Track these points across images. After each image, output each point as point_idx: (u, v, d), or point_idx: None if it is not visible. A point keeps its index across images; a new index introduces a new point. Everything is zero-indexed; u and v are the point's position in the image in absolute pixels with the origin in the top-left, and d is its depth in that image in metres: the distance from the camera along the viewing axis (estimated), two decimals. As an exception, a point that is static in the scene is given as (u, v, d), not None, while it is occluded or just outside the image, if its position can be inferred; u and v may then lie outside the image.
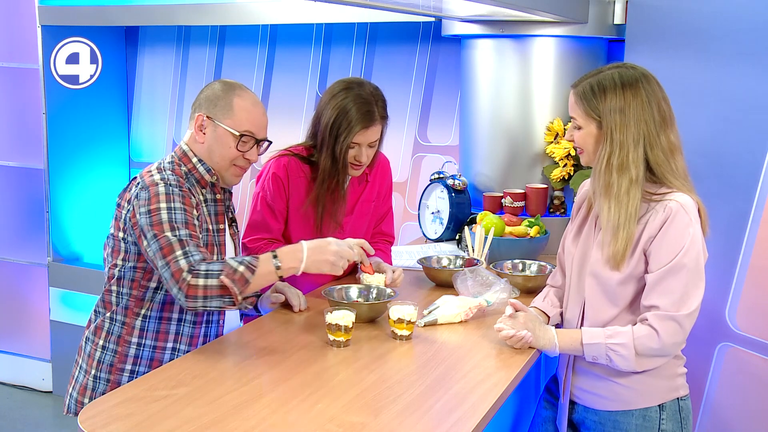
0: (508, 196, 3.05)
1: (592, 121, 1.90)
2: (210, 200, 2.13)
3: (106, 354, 2.06)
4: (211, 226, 2.11)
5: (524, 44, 3.03)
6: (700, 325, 2.72)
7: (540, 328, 2.00)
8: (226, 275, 1.86)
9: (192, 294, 1.87)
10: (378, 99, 2.45)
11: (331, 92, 2.46)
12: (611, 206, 1.87)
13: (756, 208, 2.57)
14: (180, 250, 1.90)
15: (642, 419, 1.95)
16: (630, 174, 1.86)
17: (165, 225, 1.93)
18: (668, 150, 1.88)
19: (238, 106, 2.08)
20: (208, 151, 2.10)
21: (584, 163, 1.99)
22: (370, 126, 2.42)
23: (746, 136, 2.58)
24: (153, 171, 2.06)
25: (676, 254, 1.84)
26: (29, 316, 4.62)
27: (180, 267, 1.87)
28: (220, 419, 1.61)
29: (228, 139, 2.07)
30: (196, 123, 2.09)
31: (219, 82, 2.14)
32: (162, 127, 4.50)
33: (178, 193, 1.98)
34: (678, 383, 1.97)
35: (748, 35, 2.56)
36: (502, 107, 3.10)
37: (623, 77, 1.89)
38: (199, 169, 2.10)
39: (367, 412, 1.66)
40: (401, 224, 3.82)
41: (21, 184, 4.55)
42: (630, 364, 1.88)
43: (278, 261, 1.93)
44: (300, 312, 2.30)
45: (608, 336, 1.90)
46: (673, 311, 1.83)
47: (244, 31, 4.16)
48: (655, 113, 1.88)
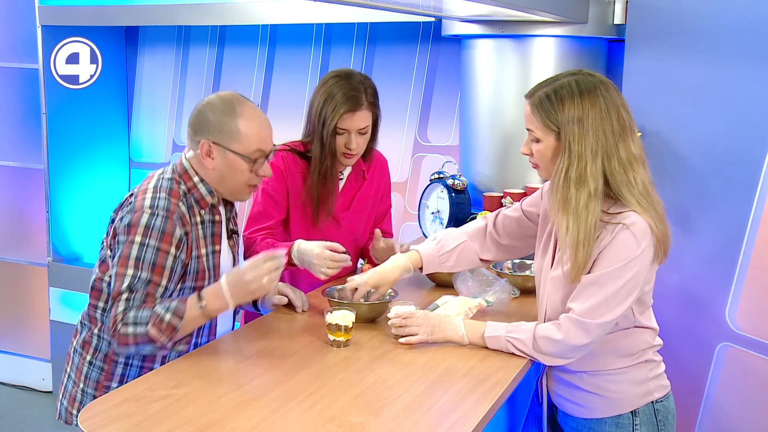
0: (508, 196, 3.05)
1: (551, 133, 1.83)
2: (207, 221, 2.07)
3: (93, 370, 2.05)
4: (204, 250, 2.05)
5: (524, 44, 3.03)
6: (700, 325, 2.73)
7: (446, 321, 2.03)
8: (153, 325, 1.87)
9: (123, 342, 1.90)
10: (366, 87, 2.46)
11: (322, 81, 2.48)
12: (570, 223, 1.80)
13: (756, 208, 2.57)
14: (125, 294, 1.90)
15: (615, 427, 1.94)
16: (589, 187, 1.78)
17: (131, 261, 1.91)
18: (626, 161, 1.80)
19: (245, 127, 2.00)
20: (219, 177, 2.03)
21: (542, 177, 1.94)
22: (356, 110, 2.42)
23: (746, 136, 2.58)
24: (148, 190, 1.99)
25: (610, 268, 1.80)
26: (29, 316, 4.62)
27: (115, 313, 1.89)
28: (220, 419, 1.61)
29: (240, 164, 2.01)
30: (202, 150, 2.00)
31: (218, 100, 2.03)
32: (162, 127, 4.50)
33: (159, 227, 1.92)
34: (651, 387, 1.95)
35: (748, 35, 2.56)
36: (502, 107, 3.10)
37: (581, 85, 1.81)
38: (200, 190, 2.04)
39: (367, 412, 1.66)
40: (401, 224, 3.82)
41: (21, 184, 4.55)
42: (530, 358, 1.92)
43: (203, 303, 1.92)
44: (301, 312, 2.30)
45: (509, 331, 1.94)
46: (585, 317, 1.82)
47: (244, 31, 4.16)
48: (614, 122, 1.80)
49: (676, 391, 2.07)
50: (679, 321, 2.73)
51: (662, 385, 1.98)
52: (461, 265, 2.25)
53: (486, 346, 1.99)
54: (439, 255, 2.22)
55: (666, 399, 1.98)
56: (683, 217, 2.67)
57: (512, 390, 1.86)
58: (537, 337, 1.89)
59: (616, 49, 3.13)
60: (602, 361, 1.92)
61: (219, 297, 1.92)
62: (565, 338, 1.85)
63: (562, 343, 1.85)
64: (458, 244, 2.22)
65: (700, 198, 2.68)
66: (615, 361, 1.92)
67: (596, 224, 1.80)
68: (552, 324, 1.89)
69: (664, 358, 2.03)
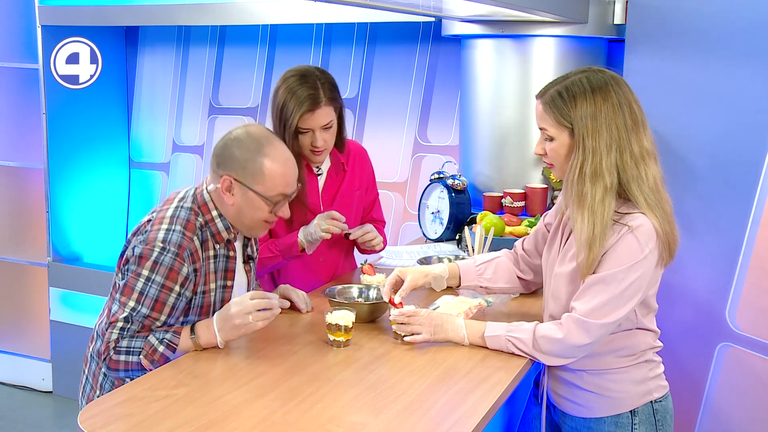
0: (508, 196, 3.05)
1: (564, 130, 1.83)
2: (222, 256, 2.05)
3: (107, 381, 2.07)
4: (213, 284, 2.04)
5: (524, 44, 3.03)
6: (700, 325, 2.73)
7: (448, 321, 2.02)
8: (145, 356, 1.92)
9: (114, 367, 1.95)
10: (323, 82, 2.42)
11: (278, 83, 2.45)
12: (585, 218, 1.80)
13: (756, 208, 2.57)
14: (121, 323, 1.93)
15: (614, 426, 1.95)
16: (604, 181, 1.79)
17: (134, 294, 1.93)
18: (639, 156, 1.81)
19: (270, 170, 1.97)
20: (237, 212, 2.01)
21: (556, 176, 1.94)
22: (316, 109, 2.39)
23: (746, 136, 2.58)
24: (165, 220, 1.98)
25: (615, 269, 1.80)
26: (29, 316, 4.62)
27: (109, 339, 1.93)
28: (220, 419, 1.61)
29: (260, 204, 1.99)
30: (223, 185, 1.98)
31: (246, 137, 2.00)
32: (162, 127, 4.50)
33: (167, 265, 1.93)
34: (650, 387, 1.96)
35: (748, 35, 2.56)
36: (502, 107, 3.10)
37: (592, 81, 1.82)
38: (217, 225, 2.03)
39: (367, 412, 1.66)
40: (401, 224, 3.82)
41: (21, 184, 4.55)
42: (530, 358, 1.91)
43: (197, 337, 1.96)
44: (305, 312, 2.30)
45: (509, 330, 1.93)
46: (588, 317, 1.82)
47: (244, 31, 4.16)
48: (627, 117, 1.81)
49: (676, 391, 2.07)
50: (679, 321, 2.73)
51: (661, 386, 1.98)
52: (500, 281, 2.21)
53: (486, 346, 1.99)
54: (475, 266, 2.21)
55: (665, 399, 1.99)
56: (683, 217, 2.66)
57: (512, 390, 1.86)
58: (537, 337, 1.89)
59: (616, 49, 3.13)
60: (602, 360, 1.92)
61: (209, 330, 1.96)
62: (566, 337, 1.84)
63: (563, 343, 1.85)
64: (494, 258, 2.23)
65: (700, 198, 2.68)
66: (615, 361, 1.92)
67: (611, 218, 1.80)
68: (553, 323, 1.89)
69: (665, 358, 2.03)
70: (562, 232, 1.97)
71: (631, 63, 2.82)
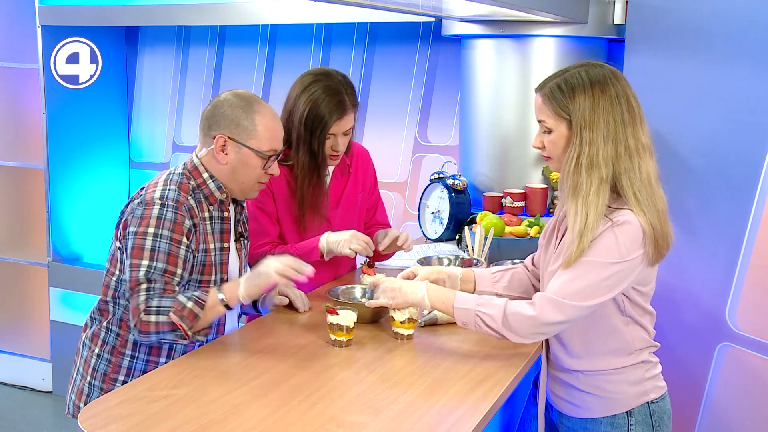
0: (508, 196, 3.05)
1: (562, 121, 1.84)
2: (216, 218, 2.10)
3: (101, 363, 2.08)
4: (212, 245, 2.08)
5: (524, 44, 3.03)
6: (700, 325, 2.73)
7: (406, 284, 2.01)
8: (174, 312, 1.92)
9: (145, 330, 1.94)
10: (347, 87, 2.44)
11: (301, 86, 2.44)
12: (580, 208, 1.80)
13: (756, 208, 2.57)
14: (145, 284, 1.94)
15: (610, 426, 1.94)
16: (600, 173, 1.79)
17: (145, 252, 1.95)
18: (634, 149, 1.82)
19: (262, 125, 2.05)
20: (231, 172, 2.07)
21: (554, 169, 1.95)
22: (344, 115, 2.41)
23: (746, 136, 2.58)
24: (159, 183, 2.05)
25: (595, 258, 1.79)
26: (29, 316, 4.62)
27: (137, 303, 1.93)
28: (220, 419, 1.61)
29: (254, 160, 2.06)
30: (217, 144, 2.04)
31: (234, 97, 2.08)
32: (162, 127, 4.50)
33: (170, 218, 1.97)
34: (647, 387, 1.95)
35: (748, 35, 2.56)
36: (502, 107, 3.10)
37: (591, 75, 1.84)
38: (209, 186, 2.08)
39: (367, 412, 1.66)
40: (401, 224, 3.82)
41: (21, 184, 4.55)
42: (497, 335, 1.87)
43: (222, 290, 1.99)
44: (303, 312, 2.30)
45: (479, 304, 1.89)
46: (560, 296, 1.80)
47: (244, 31, 4.16)
48: (624, 110, 1.82)
49: (675, 391, 2.07)
50: (679, 321, 2.73)
51: (658, 386, 1.98)
52: (516, 290, 2.18)
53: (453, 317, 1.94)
54: (491, 273, 2.20)
55: (662, 399, 1.98)
56: (683, 217, 2.67)
57: (512, 390, 1.86)
58: (508, 314, 1.85)
59: (616, 49, 3.13)
60: (599, 361, 1.92)
61: (234, 283, 2.00)
62: (539, 315, 1.81)
63: (535, 320, 1.82)
64: (510, 268, 2.21)
65: (700, 198, 2.68)
66: (612, 361, 1.92)
67: (604, 209, 1.80)
68: (525, 302, 1.86)
69: (664, 358, 2.02)
70: (557, 230, 1.97)
71: (631, 63, 2.82)
